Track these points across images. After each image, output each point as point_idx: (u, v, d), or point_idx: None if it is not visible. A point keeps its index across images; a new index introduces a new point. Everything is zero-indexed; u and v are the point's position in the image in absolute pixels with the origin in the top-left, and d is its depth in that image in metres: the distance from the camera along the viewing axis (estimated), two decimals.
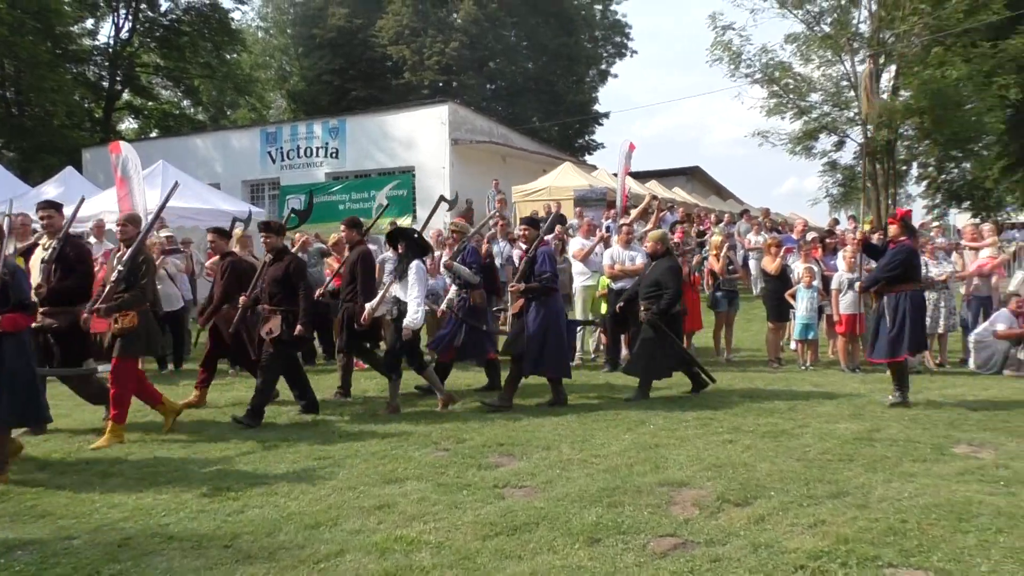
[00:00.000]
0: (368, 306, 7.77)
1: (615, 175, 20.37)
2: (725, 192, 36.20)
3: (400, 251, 7.79)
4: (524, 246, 10.79)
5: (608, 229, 13.46)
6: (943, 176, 29.16)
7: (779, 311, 11.10)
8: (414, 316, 7.44)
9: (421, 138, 23.68)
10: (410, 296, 7.47)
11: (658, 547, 4.16)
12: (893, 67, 24.60)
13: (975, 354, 10.24)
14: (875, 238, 11.46)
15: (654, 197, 15.34)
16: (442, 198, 11.00)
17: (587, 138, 44.41)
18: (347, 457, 6.05)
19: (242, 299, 7.93)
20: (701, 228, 19.20)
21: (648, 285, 8.65)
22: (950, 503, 4.78)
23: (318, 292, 8.80)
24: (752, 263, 16.63)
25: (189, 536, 4.40)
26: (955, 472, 5.47)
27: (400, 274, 7.62)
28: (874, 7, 24.15)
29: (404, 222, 12.92)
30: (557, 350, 8.03)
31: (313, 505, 4.90)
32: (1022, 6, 23.94)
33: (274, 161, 25.62)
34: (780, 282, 11.17)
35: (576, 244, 11.66)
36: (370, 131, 24.73)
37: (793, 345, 11.40)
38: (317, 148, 25.07)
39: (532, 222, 8.79)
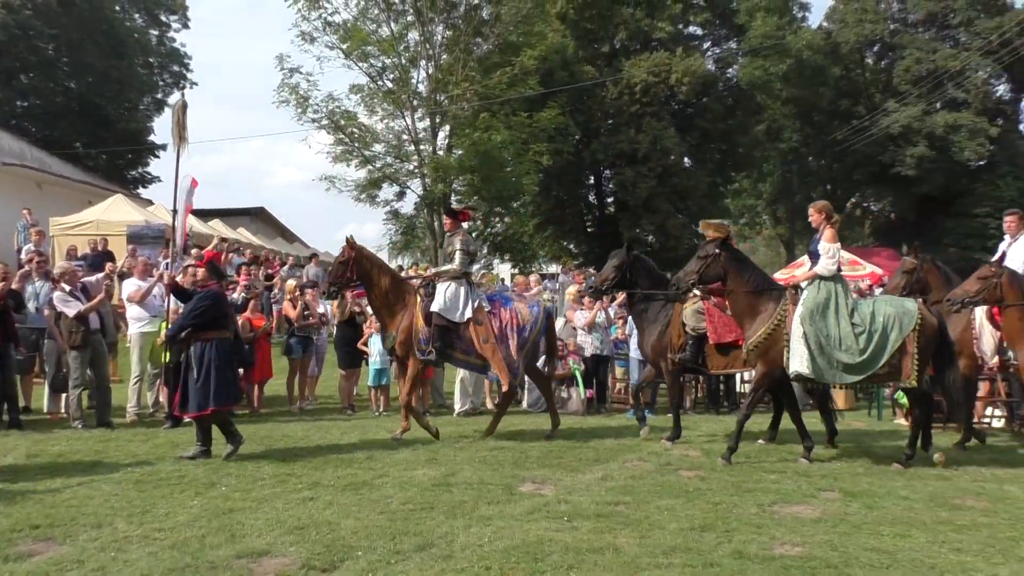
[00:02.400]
0: None
1: (174, 211, 18.99)
2: (290, 234, 35.96)
3: None
4: (67, 287, 9.42)
5: (167, 268, 12.36)
6: (489, 229, 32.21)
7: (351, 358, 11.09)
8: None
9: None
10: None
11: None
12: (448, 127, 26.69)
13: (527, 394, 11.22)
14: None
15: (223, 239, 14.52)
16: None
17: (141, 170, 40.99)
18: None
19: None
20: (269, 271, 18.67)
21: None
22: (525, 544, 4.97)
23: None
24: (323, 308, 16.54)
25: None
26: (525, 511, 5.75)
27: None
28: (431, 70, 26.03)
29: None
30: None
31: None
32: (552, 84, 27.72)
33: None
34: (351, 328, 11.19)
35: (131, 286, 10.46)
36: None
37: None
38: None
39: None
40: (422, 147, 26.27)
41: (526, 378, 11.30)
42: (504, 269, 34.02)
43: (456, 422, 10.17)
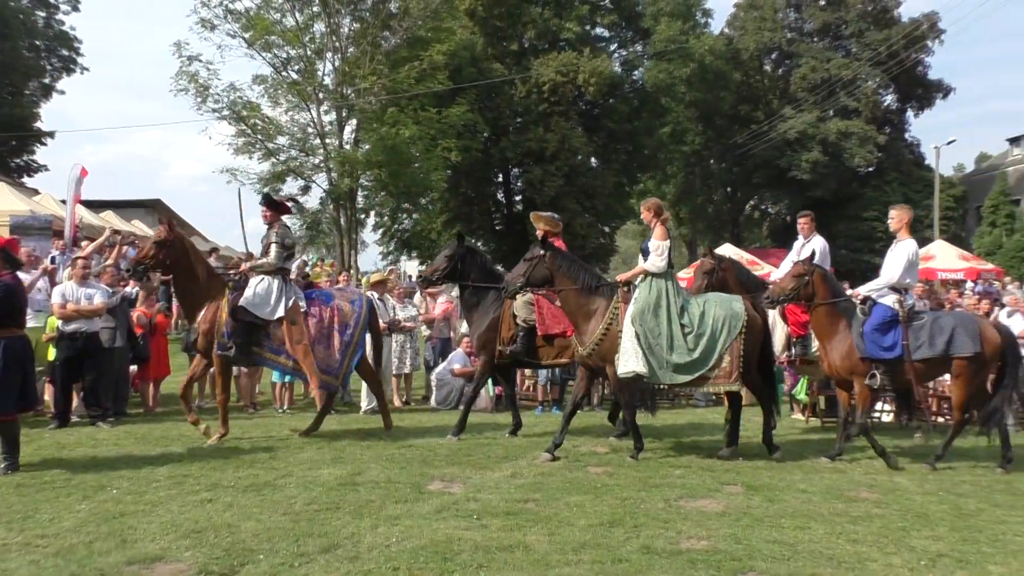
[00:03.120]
0: None
1: (63, 202, 18.08)
2: (189, 228, 34.72)
3: None
4: None
5: (54, 261, 11.72)
6: (396, 225, 31.89)
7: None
8: None
9: None
10: None
11: None
12: (355, 120, 26.24)
13: (436, 391, 11.12)
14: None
15: (115, 231, 13.86)
16: None
17: (27, 158, 38.89)
18: None
19: None
20: None
21: None
22: (434, 543, 4.89)
23: None
24: None
25: None
26: (434, 510, 5.67)
27: None
28: (338, 63, 25.53)
29: None
30: None
31: None
32: (460, 81, 27.62)
33: None
34: None
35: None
36: None
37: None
38: None
39: None
40: (328, 141, 25.73)
41: (434, 376, 11.27)
42: (411, 266, 33.74)
43: (363, 420, 9.97)
